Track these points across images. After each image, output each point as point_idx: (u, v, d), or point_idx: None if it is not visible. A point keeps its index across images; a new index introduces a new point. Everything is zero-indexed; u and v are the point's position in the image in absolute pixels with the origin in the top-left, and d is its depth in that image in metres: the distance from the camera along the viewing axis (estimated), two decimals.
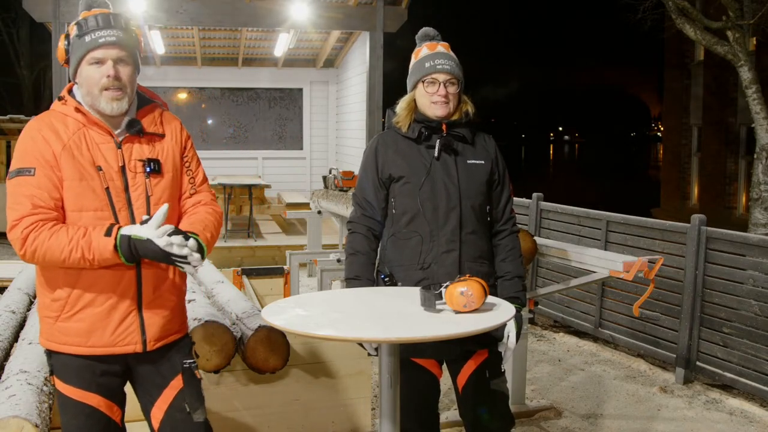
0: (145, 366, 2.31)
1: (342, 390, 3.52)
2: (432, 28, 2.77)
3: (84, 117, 2.22)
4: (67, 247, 2.07)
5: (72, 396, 2.24)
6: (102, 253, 2.08)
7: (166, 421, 2.31)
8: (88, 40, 2.17)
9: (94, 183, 2.17)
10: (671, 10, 9.76)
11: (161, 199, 2.25)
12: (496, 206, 2.74)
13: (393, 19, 9.62)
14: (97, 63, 2.18)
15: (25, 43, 22.31)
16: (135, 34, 2.26)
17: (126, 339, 2.22)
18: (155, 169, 2.26)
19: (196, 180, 2.37)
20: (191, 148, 2.39)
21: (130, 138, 2.25)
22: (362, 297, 2.42)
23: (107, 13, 2.21)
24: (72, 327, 2.20)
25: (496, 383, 2.66)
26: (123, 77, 2.19)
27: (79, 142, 2.19)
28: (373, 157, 2.70)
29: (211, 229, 2.29)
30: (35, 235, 2.08)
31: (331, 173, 7.86)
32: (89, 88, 2.19)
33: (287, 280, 5.23)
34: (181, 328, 2.39)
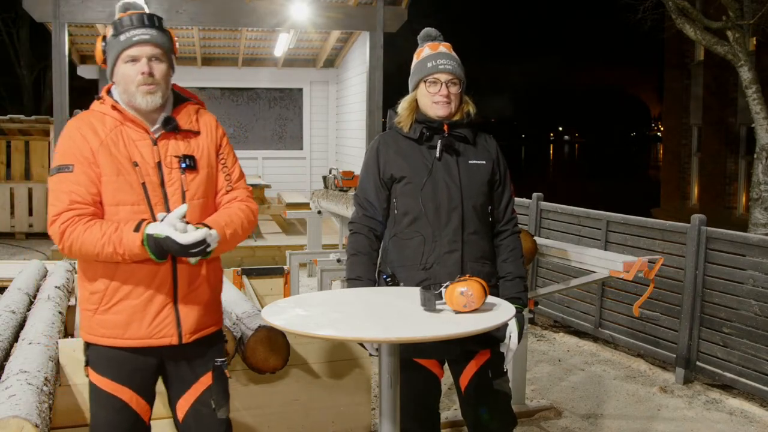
0: (179, 360, 2.37)
1: (342, 390, 3.52)
2: (434, 28, 2.77)
3: (120, 114, 2.29)
4: (99, 241, 2.15)
5: (105, 388, 2.31)
6: (131, 249, 2.15)
7: (190, 413, 2.39)
8: (123, 39, 2.25)
9: (130, 178, 2.25)
10: (671, 10, 9.76)
11: (196, 195, 2.32)
12: (498, 206, 2.74)
13: (393, 19, 9.62)
14: (132, 61, 2.25)
15: (25, 43, 22.30)
16: (169, 34, 2.35)
17: (162, 331, 2.29)
18: (190, 165, 2.32)
19: (232, 177, 2.43)
20: (227, 145, 2.45)
21: (166, 135, 2.32)
22: (362, 297, 2.43)
23: (141, 13, 2.30)
24: (110, 319, 2.28)
25: (498, 383, 2.66)
26: (157, 74, 2.27)
27: (116, 138, 2.27)
28: (375, 157, 2.70)
29: (236, 225, 2.33)
30: (71, 230, 2.17)
31: (331, 173, 7.86)
32: (125, 86, 2.27)
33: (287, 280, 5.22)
34: (216, 322, 2.44)
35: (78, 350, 3.05)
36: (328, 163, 13.00)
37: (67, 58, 9.06)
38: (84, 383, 3.03)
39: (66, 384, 3.04)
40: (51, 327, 3.30)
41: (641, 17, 11.32)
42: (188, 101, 2.42)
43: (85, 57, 12.51)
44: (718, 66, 13.71)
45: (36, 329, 3.20)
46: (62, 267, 4.62)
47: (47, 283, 4.21)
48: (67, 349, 3.06)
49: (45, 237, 11.13)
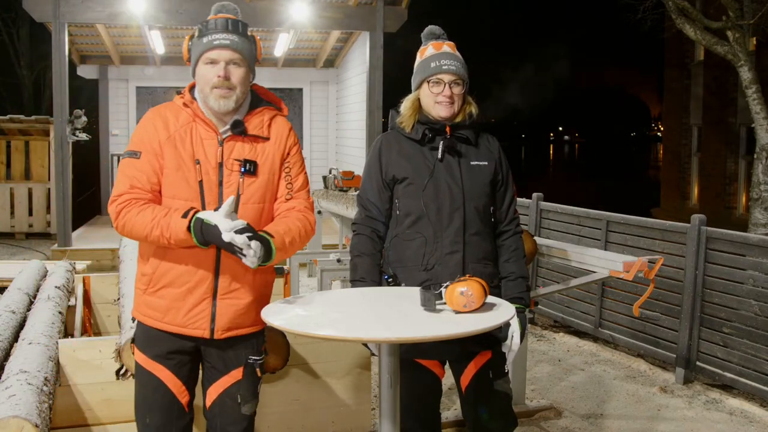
0: (213, 350, 2.45)
1: (342, 390, 3.52)
2: (437, 26, 2.76)
3: (193, 112, 2.39)
4: (149, 224, 2.26)
5: (143, 364, 2.44)
6: (177, 233, 2.23)
7: (217, 403, 2.47)
8: (205, 41, 2.35)
9: (189, 175, 2.34)
10: (671, 10, 9.76)
11: (251, 199, 2.39)
12: (500, 207, 2.74)
13: (393, 19, 9.62)
14: (211, 63, 2.34)
15: (25, 43, 22.30)
16: (254, 40, 2.41)
17: (196, 323, 2.37)
18: (250, 170, 2.38)
19: (294, 185, 2.47)
20: (296, 154, 2.49)
21: (233, 137, 2.39)
22: (362, 297, 2.43)
23: (227, 18, 2.37)
24: (154, 302, 2.40)
25: (499, 383, 2.66)
26: (233, 78, 2.34)
27: (185, 134, 2.37)
28: (377, 158, 2.70)
29: (294, 234, 2.38)
30: (126, 211, 2.30)
31: (331, 173, 7.86)
32: (202, 86, 2.36)
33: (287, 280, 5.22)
34: (254, 324, 2.47)
35: (78, 350, 3.07)
36: (328, 163, 13.00)
37: (67, 58, 9.06)
38: (84, 383, 3.05)
39: (66, 384, 3.04)
40: (51, 327, 3.30)
41: (641, 17, 11.32)
42: (267, 106, 2.48)
43: (85, 57, 12.49)
44: (718, 66, 13.71)
45: (36, 329, 3.21)
46: (62, 267, 4.62)
47: (47, 283, 4.21)
48: (67, 349, 3.06)
49: (45, 237, 11.15)
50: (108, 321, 4.55)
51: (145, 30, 10.34)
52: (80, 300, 4.41)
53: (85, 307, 4.44)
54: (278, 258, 2.33)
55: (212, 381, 2.48)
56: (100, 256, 8.86)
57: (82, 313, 4.36)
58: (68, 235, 9.20)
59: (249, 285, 2.42)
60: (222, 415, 2.46)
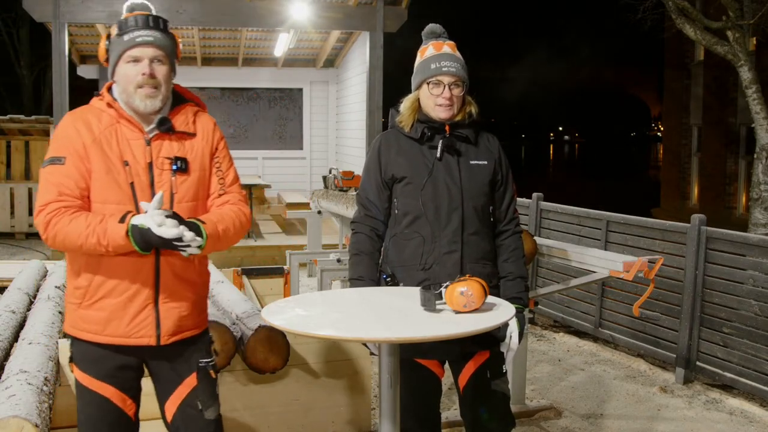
0: (160, 362, 2.37)
1: (342, 390, 3.52)
2: (438, 25, 2.75)
3: (117, 113, 2.30)
4: (84, 232, 2.15)
5: (87, 385, 2.32)
6: (115, 239, 2.14)
7: (178, 416, 2.38)
8: (126, 39, 2.26)
9: (119, 177, 2.25)
10: (671, 10, 9.75)
11: (185, 198, 2.32)
12: (499, 207, 2.73)
13: (393, 19, 9.61)
14: (134, 61, 2.26)
15: (25, 43, 22.29)
16: (173, 37, 2.34)
17: (141, 331, 2.29)
18: (182, 168, 2.32)
19: (226, 180, 2.42)
20: (223, 149, 2.44)
21: (160, 135, 2.32)
22: (362, 297, 2.43)
23: (146, 15, 2.30)
24: (92, 315, 2.29)
25: (497, 384, 2.66)
26: (158, 76, 2.27)
27: (110, 136, 2.27)
28: (376, 157, 2.70)
29: (227, 223, 2.31)
30: (56, 221, 2.17)
31: (331, 173, 7.86)
32: (125, 86, 2.28)
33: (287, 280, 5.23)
34: (198, 325, 2.42)
35: None
36: (328, 163, 13.00)
37: (67, 58, 9.06)
38: None
39: (66, 384, 3.04)
40: (51, 327, 3.30)
41: (641, 17, 11.32)
42: (188, 103, 2.42)
43: (85, 57, 12.50)
44: (718, 66, 13.71)
45: (36, 329, 3.21)
46: (62, 267, 4.62)
47: (47, 283, 4.21)
48: (67, 349, 3.05)
49: None
50: None
51: None
52: None
53: None
54: (212, 247, 2.25)
55: (168, 394, 2.39)
56: None
57: None
58: None
59: (190, 286, 2.35)
60: (186, 425, 2.38)
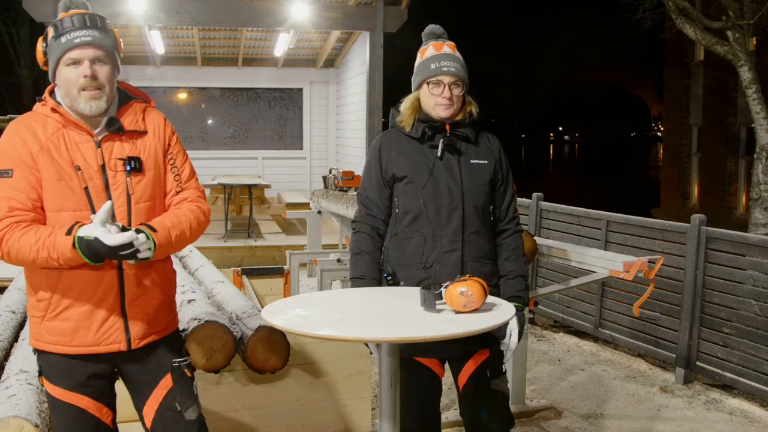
0: (132, 365, 2.30)
1: (342, 390, 3.52)
2: (438, 26, 2.76)
3: (62, 117, 2.20)
4: (34, 246, 2.06)
5: (59, 397, 2.24)
6: (64, 253, 2.04)
7: (157, 420, 2.32)
8: (64, 41, 2.17)
9: (72, 183, 2.16)
10: (671, 10, 9.76)
11: (143, 198, 2.24)
12: (500, 206, 2.74)
13: (393, 19, 9.62)
14: (74, 63, 2.16)
15: (25, 43, 22.30)
16: (113, 34, 2.24)
17: (110, 338, 2.22)
18: (136, 168, 2.23)
19: (182, 176, 2.33)
20: (176, 144, 2.36)
21: (110, 136, 2.23)
22: (362, 297, 2.43)
23: (83, 14, 2.21)
24: (57, 326, 2.20)
25: (496, 383, 2.66)
26: (100, 77, 2.17)
27: (58, 142, 2.17)
28: (377, 156, 2.70)
29: (184, 226, 2.24)
30: (8, 237, 2.08)
31: (331, 173, 7.86)
32: (67, 89, 2.18)
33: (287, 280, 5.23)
34: (169, 325, 2.36)
35: None
36: (328, 163, 13.00)
37: None
38: None
39: None
40: None
41: (641, 17, 11.33)
42: (135, 99, 2.33)
43: None
44: (718, 66, 13.72)
45: None
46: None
47: None
48: None
49: None
50: None
51: (145, 30, 10.35)
52: None
53: None
54: (164, 252, 2.19)
55: (144, 399, 2.32)
56: None
57: None
58: None
59: (155, 288, 2.29)
60: (167, 429, 2.30)
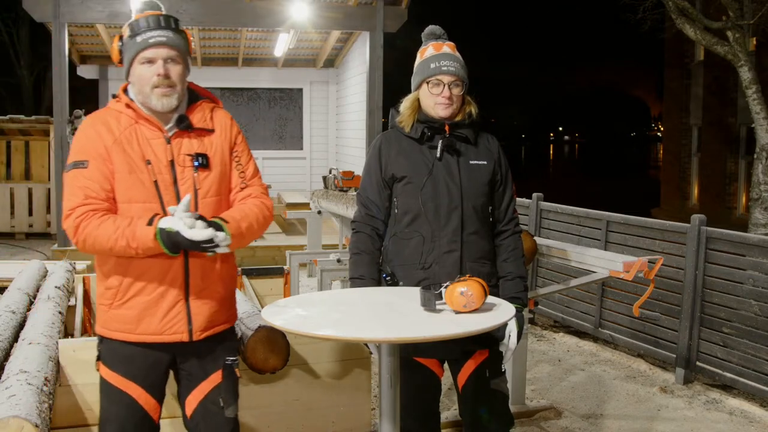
0: (189, 357, 2.40)
1: (342, 390, 3.52)
2: (438, 26, 2.76)
3: (135, 113, 2.33)
4: (113, 235, 2.19)
5: (114, 383, 2.35)
6: (145, 243, 2.17)
7: (199, 410, 2.42)
8: (139, 41, 2.29)
9: (142, 176, 2.28)
10: (671, 10, 9.76)
11: (209, 193, 2.35)
12: (499, 207, 2.74)
13: (393, 19, 9.62)
14: (148, 62, 2.29)
15: (25, 43, 22.30)
16: (185, 35, 2.37)
17: (173, 328, 2.32)
18: (203, 164, 2.35)
19: (247, 174, 2.45)
20: (242, 143, 2.47)
21: (180, 133, 2.35)
22: (362, 297, 2.43)
23: (158, 15, 2.33)
24: (123, 314, 2.32)
25: (496, 383, 2.66)
26: (173, 75, 2.29)
27: (130, 137, 2.31)
28: (377, 156, 2.71)
29: (251, 219, 2.35)
30: (85, 225, 2.21)
31: (331, 173, 7.86)
32: (141, 87, 2.30)
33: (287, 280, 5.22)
34: (229, 320, 2.46)
35: (78, 350, 3.06)
36: (328, 163, 13.00)
37: (67, 58, 9.06)
38: (84, 383, 3.04)
39: (66, 384, 3.04)
40: (51, 327, 3.30)
41: (641, 17, 11.33)
42: (203, 100, 2.46)
43: (85, 57, 12.50)
44: (718, 66, 13.71)
45: (36, 329, 3.20)
46: (62, 267, 4.62)
47: (47, 283, 4.21)
48: (67, 349, 3.06)
49: (45, 237, 11.14)
50: None
51: None
52: (80, 300, 4.41)
53: (85, 307, 4.44)
54: (236, 244, 2.28)
55: (191, 389, 2.42)
56: None
57: (82, 313, 4.36)
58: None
59: (219, 280, 2.39)
60: (205, 421, 2.41)
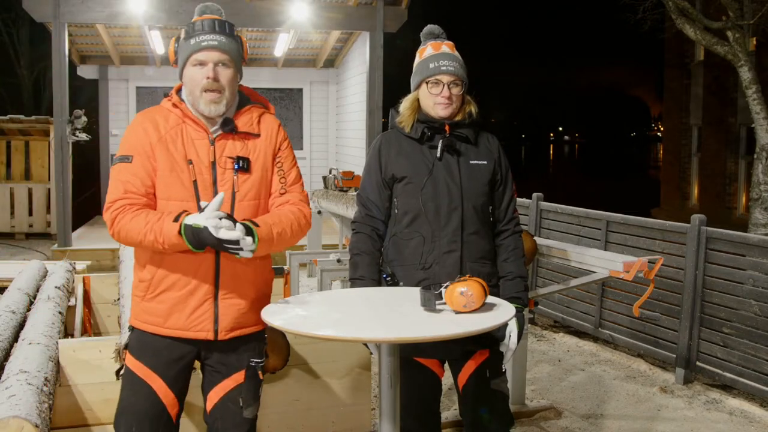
0: (214, 354, 2.43)
1: (342, 390, 3.52)
2: (437, 26, 2.76)
3: (182, 113, 2.38)
4: (143, 229, 2.24)
5: (137, 372, 2.40)
6: (170, 238, 2.21)
7: (219, 407, 2.45)
8: (192, 43, 2.34)
9: (183, 175, 2.33)
10: (671, 10, 9.76)
11: (247, 196, 2.38)
12: (499, 206, 2.74)
13: (393, 19, 9.62)
14: (200, 64, 2.33)
15: (25, 43, 22.28)
16: (240, 41, 2.41)
17: (199, 325, 2.36)
18: (243, 167, 2.38)
19: (288, 179, 2.47)
20: (287, 149, 2.49)
21: (224, 135, 2.39)
22: (362, 297, 2.43)
23: (213, 19, 2.37)
24: (154, 307, 2.38)
25: (496, 383, 2.66)
26: (222, 79, 2.33)
27: (176, 136, 2.36)
28: (377, 157, 2.71)
29: (285, 225, 2.36)
30: (120, 218, 2.28)
31: (331, 173, 7.86)
32: (191, 88, 2.35)
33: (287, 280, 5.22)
34: (257, 322, 2.45)
35: (78, 350, 3.07)
36: (328, 163, 13.00)
37: (67, 58, 9.06)
38: (84, 383, 3.05)
39: (66, 384, 3.04)
40: (51, 327, 3.30)
41: (641, 17, 11.33)
42: (254, 104, 2.49)
43: (85, 57, 12.49)
44: (718, 66, 13.71)
45: (36, 329, 3.21)
46: (62, 267, 4.62)
47: (47, 283, 4.21)
48: (67, 349, 3.06)
49: (45, 237, 11.14)
50: (108, 321, 4.55)
51: (145, 30, 10.34)
52: (80, 300, 4.41)
53: (85, 307, 4.44)
54: (266, 249, 2.30)
55: (213, 384, 2.46)
56: (100, 256, 8.86)
57: (82, 313, 4.36)
58: (68, 235, 9.20)
59: (250, 284, 2.41)
60: (224, 419, 2.44)
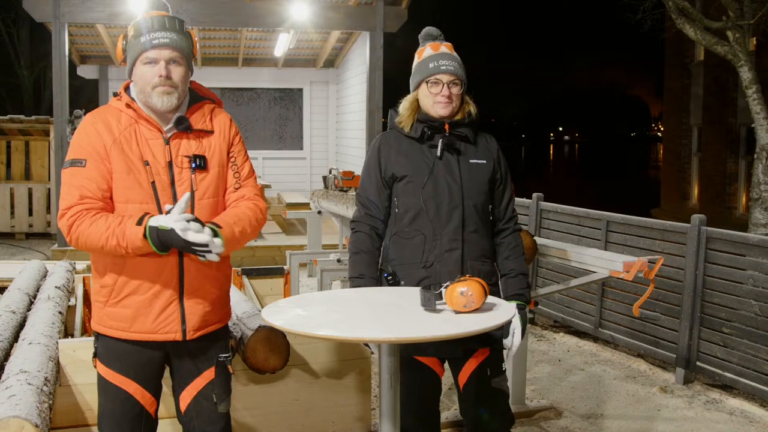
0: (182, 355, 2.43)
1: (342, 390, 3.52)
2: (435, 27, 2.77)
3: (135, 113, 2.34)
4: (104, 234, 2.19)
5: (110, 379, 2.38)
6: (133, 241, 2.17)
7: (192, 406, 2.45)
8: (143, 41, 2.30)
9: (140, 177, 2.29)
10: (671, 10, 9.76)
11: (206, 194, 2.36)
12: (498, 205, 2.75)
13: (393, 19, 9.62)
14: (151, 63, 2.30)
15: (25, 43, 22.30)
16: (190, 37, 2.38)
17: (167, 327, 2.34)
18: (201, 165, 2.36)
19: (242, 174, 2.45)
20: (239, 143, 2.49)
21: (179, 134, 2.36)
22: (362, 297, 2.43)
23: (163, 16, 2.34)
24: (118, 312, 2.34)
25: (496, 382, 2.66)
26: (174, 77, 2.31)
27: (130, 137, 2.31)
28: (376, 156, 2.71)
29: (245, 223, 2.35)
30: (78, 224, 2.22)
31: (331, 173, 7.86)
32: (142, 86, 2.31)
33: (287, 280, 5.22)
34: (222, 319, 2.48)
35: (78, 350, 3.07)
36: (328, 163, 13.00)
37: (67, 58, 9.06)
38: (84, 383, 3.04)
39: (66, 384, 3.04)
40: (51, 327, 3.30)
41: (641, 17, 11.34)
42: (205, 100, 2.46)
43: (85, 57, 12.50)
44: (718, 66, 13.71)
45: (36, 329, 3.20)
46: (62, 267, 4.62)
47: (47, 283, 4.21)
48: (67, 349, 3.06)
49: (45, 237, 11.14)
50: None
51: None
52: (80, 300, 4.41)
53: (85, 307, 4.44)
54: (230, 250, 2.29)
55: (185, 385, 2.45)
56: None
57: (82, 313, 4.36)
58: None
59: (213, 281, 2.41)
60: (199, 417, 2.45)
